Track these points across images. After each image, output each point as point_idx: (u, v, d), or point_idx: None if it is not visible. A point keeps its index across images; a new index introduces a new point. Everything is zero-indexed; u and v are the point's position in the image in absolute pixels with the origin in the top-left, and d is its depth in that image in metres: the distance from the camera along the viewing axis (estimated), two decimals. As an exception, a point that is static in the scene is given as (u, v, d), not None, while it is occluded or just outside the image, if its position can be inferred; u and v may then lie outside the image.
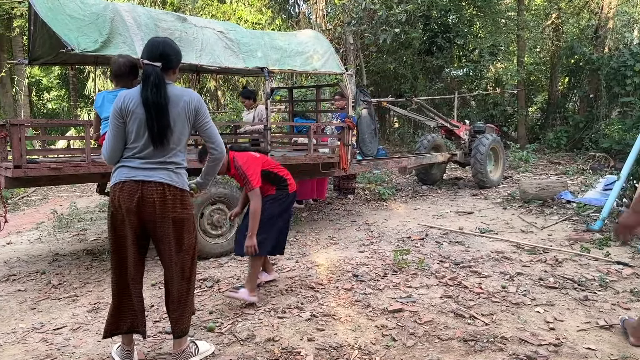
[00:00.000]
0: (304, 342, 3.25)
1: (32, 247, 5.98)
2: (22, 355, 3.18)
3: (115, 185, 2.77)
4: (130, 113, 2.72)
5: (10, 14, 14.06)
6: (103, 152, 2.82)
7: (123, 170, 2.77)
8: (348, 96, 6.22)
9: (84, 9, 4.63)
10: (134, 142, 2.76)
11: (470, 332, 3.33)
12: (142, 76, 2.75)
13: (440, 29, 14.82)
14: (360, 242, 5.65)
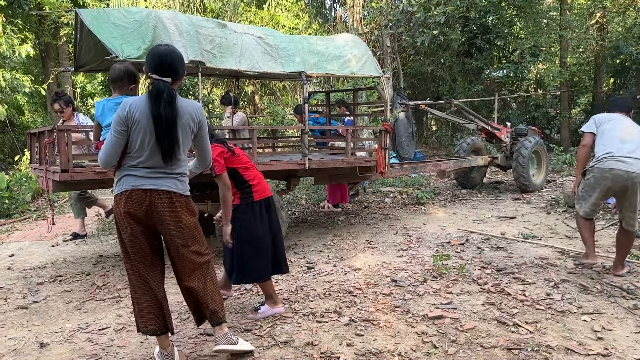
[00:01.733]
0: (343, 347, 3.23)
1: (77, 249, 6.17)
2: (69, 354, 3.27)
3: (123, 194, 2.82)
4: (136, 122, 2.75)
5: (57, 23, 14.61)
6: (100, 156, 2.83)
7: (129, 179, 2.81)
8: (386, 99, 6.18)
9: (128, 17, 4.76)
10: (138, 151, 2.80)
11: (514, 340, 3.24)
12: (151, 90, 2.78)
13: (480, 30, 14.57)
14: (398, 247, 5.59)
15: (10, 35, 9.60)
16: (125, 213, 2.81)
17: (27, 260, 5.71)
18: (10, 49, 9.36)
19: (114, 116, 2.81)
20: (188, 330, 3.59)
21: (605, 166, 4.36)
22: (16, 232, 7.26)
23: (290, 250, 5.66)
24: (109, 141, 2.79)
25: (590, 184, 4.50)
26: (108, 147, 2.79)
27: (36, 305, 4.24)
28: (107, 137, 2.84)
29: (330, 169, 6.23)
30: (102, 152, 2.82)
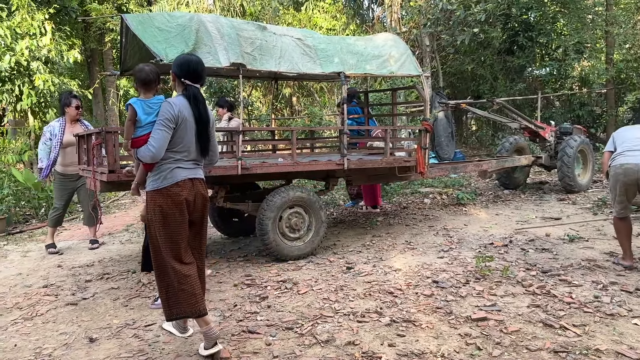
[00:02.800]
0: (384, 347, 3.21)
1: (123, 248, 6.36)
2: (116, 350, 3.38)
3: (179, 183, 3.16)
4: (184, 120, 3.15)
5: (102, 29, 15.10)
6: (150, 150, 3.07)
7: (180, 171, 3.18)
8: (425, 98, 6.11)
9: (171, 21, 4.87)
10: (184, 146, 3.19)
11: (561, 343, 3.16)
12: (188, 93, 3.20)
13: (521, 28, 14.22)
14: (439, 248, 5.53)
15: (59, 42, 9.98)
16: (183, 200, 3.15)
17: (75, 259, 5.91)
18: (58, 55, 9.72)
19: (164, 114, 3.12)
20: (231, 327, 3.64)
21: (617, 163, 4.61)
22: (65, 232, 7.53)
23: (329, 250, 5.68)
24: (161, 136, 3.08)
25: (611, 183, 4.76)
26: (160, 141, 3.08)
27: (85, 301, 4.39)
28: (156, 133, 3.09)
29: (369, 169, 6.21)
30: (153, 146, 3.06)
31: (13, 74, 9.12)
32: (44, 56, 9.33)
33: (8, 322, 3.95)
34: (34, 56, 9.15)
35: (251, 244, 6.24)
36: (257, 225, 5.22)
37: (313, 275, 4.77)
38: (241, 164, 5.01)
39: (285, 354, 3.17)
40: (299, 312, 3.87)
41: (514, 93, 14.18)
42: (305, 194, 5.40)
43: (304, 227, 5.42)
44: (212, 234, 6.86)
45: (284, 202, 5.24)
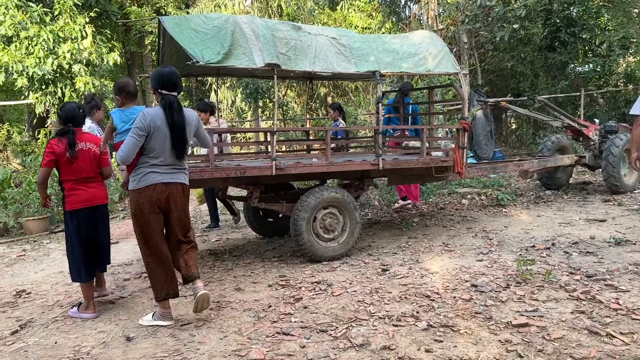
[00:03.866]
0: (421, 352, 3.13)
1: (161, 247, 6.44)
2: (152, 349, 3.41)
3: (149, 187, 3.58)
4: (156, 129, 3.50)
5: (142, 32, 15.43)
6: (120, 155, 3.50)
7: (154, 175, 3.58)
8: (463, 96, 5.97)
9: (207, 23, 4.90)
10: (159, 152, 3.57)
11: (608, 351, 3.01)
12: (164, 103, 3.56)
13: (563, 23, 13.78)
14: (477, 250, 5.38)
15: (100, 45, 10.23)
16: (155, 201, 3.60)
17: (114, 257, 6.00)
18: (99, 58, 9.97)
19: (136, 123, 3.48)
20: (265, 328, 3.63)
21: None
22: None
23: (363, 251, 5.61)
24: (130, 143, 3.47)
25: None
26: (130, 148, 3.48)
27: (123, 300, 4.46)
28: (128, 140, 3.48)
29: (404, 170, 6.11)
30: (122, 150, 3.49)
31: (56, 77, 9.41)
32: (85, 59, 9.59)
33: (49, 320, 4.05)
34: (76, 59, 9.41)
35: (286, 244, 6.23)
36: (291, 225, 5.20)
37: (347, 277, 4.71)
38: (275, 164, 5.00)
39: (319, 357, 3.13)
40: (334, 314, 3.82)
41: (556, 91, 13.76)
42: (340, 195, 5.35)
43: (338, 228, 5.37)
44: (247, 234, 6.89)
45: (318, 203, 5.20)
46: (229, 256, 5.75)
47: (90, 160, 4.10)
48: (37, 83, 9.33)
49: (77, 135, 4.03)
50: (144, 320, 3.87)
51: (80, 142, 4.04)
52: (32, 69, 8.87)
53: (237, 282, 4.75)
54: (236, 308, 4.09)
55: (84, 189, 4.08)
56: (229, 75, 8.04)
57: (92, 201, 4.12)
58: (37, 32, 9.00)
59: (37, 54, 8.95)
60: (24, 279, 5.33)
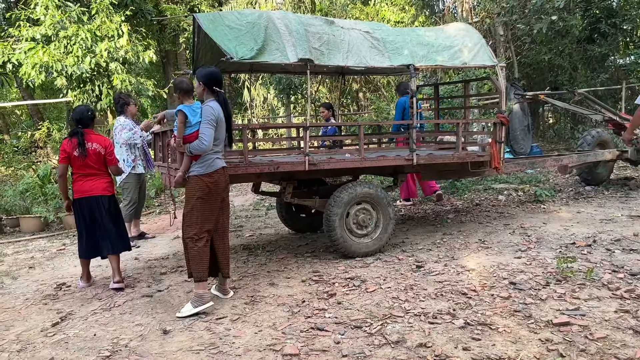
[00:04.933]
0: (458, 350, 3.07)
1: (195, 242, 6.51)
2: (189, 342, 3.44)
3: (218, 170, 4.04)
4: (220, 120, 4.00)
5: (176, 30, 15.65)
6: (203, 144, 3.86)
7: (218, 161, 4.05)
8: (501, 90, 5.82)
9: (241, 19, 4.91)
10: (220, 141, 4.06)
11: (656, 354, 2.88)
12: (219, 98, 4.04)
13: (604, 14, 13.29)
14: (515, 247, 5.25)
15: (135, 43, 10.41)
16: (220, 183, 4.05)
17: (151, 252, 6.14)
18: (135, 56, 10.14)
19: (208, 115, 3.89)
20: (299, 323, 3.62)
21: None
22: (141, 226, 7.84)
23: (397, 247, 5.55)
24: (210, 133, 3.90)
25: None
26: (210, 137, 3.89)
27: (160, 294, 4.53)
28: (206, 130, 3.88)
29: (439, 165, 6.01)
30: (205, 140, 3.86)
31: (93, 75, 9.62)
32: (122, 57, 9.77)
33: (88, 312, 4.14)
34: (112, 57, 9.59)
35: (318, 240, 6.22)
36: (324, 221, 5.18)
37: (381, 273, 4.66)
38: (308, 159, 4.99)
39: (354, 354, 3.10)
40: (368, 310, 3.79)
41: (595, 84, 13.32)
42: (373, 190, 5.29)
43: (371, 224, 5.32)
44: (280, 230, 6.91)
45: (351, 198, 5.17)
46: (262, 251, 5.78)
47: (96, 158, 4.72)
48: (75, 81, 9.57)
49: (85, 136, 4.65)
50: (182, 312, 3.92)
51: (88, 142, 4.66)
52: (70, 67, 9.09)
53: (271, 277, 4.76)
54: (270, 303, 4.10)
55: (85, 181, 4.72)
56: (262, 71, 8.06)
57: (88, 192, 4.72)
58: (75, 31, 9.21)
59: (75, 53, 9.16)
60: (63, 272, 5.47)
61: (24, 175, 10.02)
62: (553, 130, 16.19)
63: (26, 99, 15.39)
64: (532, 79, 15.79)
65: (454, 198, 8.31)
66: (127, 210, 6.36)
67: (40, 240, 7.21)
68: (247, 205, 9.14)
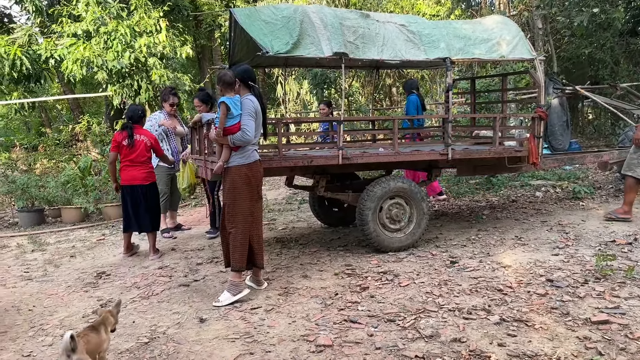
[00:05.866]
0: (493, 346, 3.04)
1: (230, 234, 6.61)
2: (224, 331, 3.51)
3: (256, 162, 4.17)
4: (258, 113, 4.13)
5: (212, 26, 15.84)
6: (247, 135, 3.99)
7: (255, 153, 4.17)
8: (540, 84, 5.69)
9: (277, 13, 4.94)
10: (258, 133, 4.20)
11: (701, 356, 2.79)
12: (255, 92, 4.16)
13: (648, 5, 12.83)
14: (553, 245, 5.14)
15: (172, 39, 10.59)
16: (258, 174, 4.20)
17: (187, 243, 6.26)
18: (172, 51, 10.32)
19: (249, 108, 4.04)
20: (332, 315, 3.65)
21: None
22: (178, 218, 8.00)
23: (431, 243, 5.52)
24: (252, 124, 4.04)
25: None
26: (253, 128, 4.04)
27: (196, 283, 4.63)
28: (248, 122, 4.03)
29: (475, 160, 5.93)
30: (249, 132, 4.00)
31: (132, 70, 9.83)
32: (160, 52, 9.95)
33: (127, 300, 4.26)
34: (151, 52, 9.78)
35: (351, 234, 6.23)
36: (357, 215, 5.19)
37: (415, 268, 4.65)
38: (342, 153, 4.99)
39: (387, 347, 3.11)
40: (401, 304, 3.78)
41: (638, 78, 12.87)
42: (407, 185, 5.27)
43: (404, 219, 5.29)
44: (313, 223, 6.95)
45: (385, 193, 5.15)
46: (295, 244, 5.83)
47: (142, 148, 5.47)
48: (115, 76, 9.80)
49: (134, 130, 5.47)
50: (221, 300, 4.02)
51: (136, 134, 5.45)
52: (110, 62, 9.32)
53: (304, 270, 4.80)
54: (303, 294, 4.14)
55: (130, 170, 5.48)
56: (297, 65, 8.10)
57: (131, 181, 5.50)
58: (115, 27, 9.43)
59: (115, 48, 9.38)
60: (103, 261, 5.64)
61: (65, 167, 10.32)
62: (593, 126, 15.74)
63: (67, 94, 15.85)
64: (571, 73, 15.37)
65: (490, 194, 8.18)
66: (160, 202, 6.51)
67: (81, 231, 7.44)
68: (279, 199, 9.22)
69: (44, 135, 16.40)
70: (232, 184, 4.11)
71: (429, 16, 14.09)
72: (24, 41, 10.74)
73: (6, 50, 10.17)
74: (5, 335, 3.66)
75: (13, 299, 4.46)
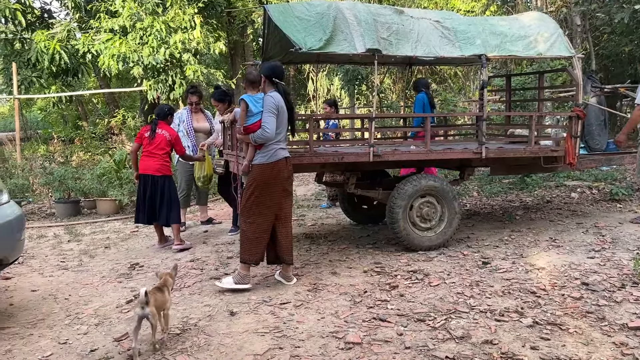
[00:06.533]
0: (526, 349, 2.98)
1: (260, 229, 6.66)
2: (254, 324, 3.54)
3: (281, 160, 4.15)
4: (282, 110, 4.11)
5: (244, 22, 15.93)
6: (266, 132, 4.01)
7: (280, 151, 4.15)
8: (578, 82, 5.55)
9: (310, 10, 4.94)
10: (282, 130, 4.16)
11: None
12: (280, 89, 4.17)
13: (694, 1, 12.34)
14: (589, 247, 5.01)
15: (206, 35, 10.71)
16: (282, 173, 4.16)
17: (218, 236, 6.34)
18: (206, 47, 10.44)
19: (270, 105, 4.03)
20: (361, 313, 3.64)
21: None
22: (209, 212, 8.10)
23: (462, 243, 5.45)
24: (272, 121, 4.03)
25: None
26: (272, 125, 4.03)
27: (227, 277, 4.67)
28: (268, 119, 4.02)
29: (509, 159, 5.82)
30: (268, 129, 4.01)
31: (167, 66, 10.00)
32: (194, 48, 10.09)
33: (160, 291, 4.33)
34: (185, 48, 9.93)
35: (380, 231, 6.20)
36: (387, 213, 5.16)
37: (445, 268, 4.60)
38: (373, 150, 4.97)
39: (417, 346, 3.09)
40: (431, 304, 3.75)
41: (681, 77, 12.40)
42: (438, 183, 5.21)
43: (435, 218, 5.24)
44: (342, 220, 6.94)
45: (416, 191, 5.11)
46: (324, 240, 5.83)
47: (160, 141, 5.65)
48: (150, 71, 9.98)
49: (158, 125, 5.72)
50: (223, 282, 4.26)
51: (159, 129, 5.68)
52: (146, 58, 9.49)
53: (333, 266, 4.80)
54: (332, 291, 4.14)
55: (146, 160, 5.67)
56: (329, 62, 8.09)
57: (145, 170, 5.67)
58: (150, 22, 9.59)
59: (150, 44, 9.56)
60: (136, 253, 5.76)
61: (101, 160, 10.58)
62: (632, 126, 15.24)
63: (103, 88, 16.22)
64: (610, 71, 14.94)
65: (524, 194, 8.02)
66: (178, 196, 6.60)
67: (115, 222, 7.61)
68: (309, 195, 9.24)
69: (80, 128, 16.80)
70: (252, 180, 4.18)
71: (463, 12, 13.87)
72: (63, 36, 11.03)
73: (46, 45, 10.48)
74: (43, 323, 3.77)
75: (50, 288, 4.60)
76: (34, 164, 10.22)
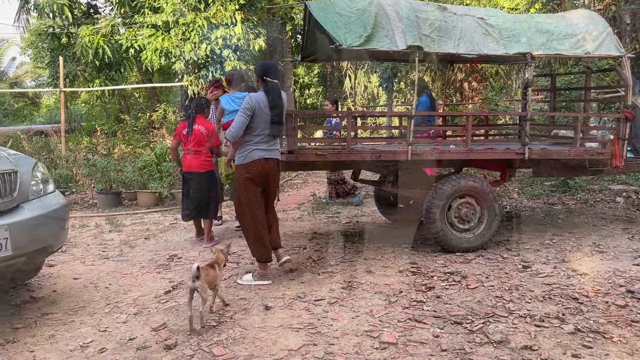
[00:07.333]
0: (567, 356, 2.89)
1: (295, 225, 6.71)
2: (289, 319, 3.56)
3: (256, 161, 4.14)
4: (260, 110, 4.05)
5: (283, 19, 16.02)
6: (231, 132, 4.06)
7: (257, 152, 4.13)
8: (628, 82, 5.34)
9: (351, 6, 4.91)
10: (261, 131, 4.11)
11: None
12: (267, 88, 4.11)
13: None
14: (635, 254, 4.83)
15: (247, 31, 10.81)
16: (258, 174, 4.16)
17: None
18: (246, 43, 10.54)
19: (244, 104, 4.03)
20: (396, 313, 3.60)
21: None
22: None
23: (501, 245, 5.33)
24: (240, 121, 4.03)
25: None
26: (239, 125, 4.04)
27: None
28: (237, 118, 4.04)
29: (552, 161, 5.65)
30: (234, 128, 4.04)
31: (207, 61, 10.15)
32: (234, 44, 10.20)
33: (197, 283, 4.40)
34: (226, 44, 10.05)
35: (416, 231, 6.12)
36: (424, 213, 5.09)
37: (484, 271, 4.50)
38: (411, 149, 4.91)
39: (454, 349, 3.03)
40: (469, 307, 3.68)
41: None
42: (478, 184, 5.11)
43: (474, 219, 5.13)
44: (377, 219, 6.89)
45: (454, 191, 5.02)
46: (359, 239, 5.81)
47: (198, 138, 5.54)
48: (191, 67, 10.16)
49: (196, 120, 5.59)
50: (243, 279, 4.35)
51: (196, 124, 5.58)
52: (188, 53, 9.66)
53: (368, 265, 4.77)
54: (367, 290, 4.11)
55: (189, 158, 5.62)
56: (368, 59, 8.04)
57: (188, 168, 5.67)
58: (192, 19, 9.76)
59: (192, 40, 9.72)
60: (175, 244, 5.87)
61: (142, 153, 10.81)
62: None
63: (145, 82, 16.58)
64: (661, 71, 14.31)
65: (566, 197, 7.79)
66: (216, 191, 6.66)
67: (155, 214, 7.77)
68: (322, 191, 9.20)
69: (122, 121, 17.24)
70: (236, 180, 4.32)
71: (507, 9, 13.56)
72: (107, 31, 11.33)
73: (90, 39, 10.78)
74: (84, 310, 3.88)
75: (91, 276, 4.73)
76: (78, 156, 10.53)
